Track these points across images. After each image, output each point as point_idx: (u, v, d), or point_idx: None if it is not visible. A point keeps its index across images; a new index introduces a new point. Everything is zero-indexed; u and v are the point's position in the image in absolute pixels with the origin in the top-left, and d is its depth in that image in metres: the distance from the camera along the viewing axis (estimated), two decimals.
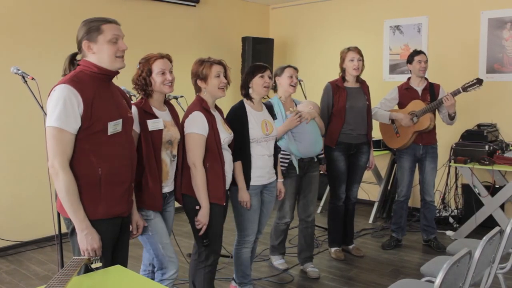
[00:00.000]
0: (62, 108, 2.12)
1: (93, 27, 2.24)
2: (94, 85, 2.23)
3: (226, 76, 3.03)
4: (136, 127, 2.65)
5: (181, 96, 4.07)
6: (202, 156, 2.91)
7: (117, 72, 2.35)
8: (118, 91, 2.47)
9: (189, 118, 2.93)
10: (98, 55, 2.26)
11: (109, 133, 2.24)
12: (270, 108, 3.71)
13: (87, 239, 2.20)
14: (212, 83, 2.96)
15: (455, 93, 4.38)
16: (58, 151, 2.14)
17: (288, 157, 3.78)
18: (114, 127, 2.26)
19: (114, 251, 2.43)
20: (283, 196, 3.66)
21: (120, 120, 2.30)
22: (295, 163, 3.80)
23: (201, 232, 2.95)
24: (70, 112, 2.13)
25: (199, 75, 2.97)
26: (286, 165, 3.77)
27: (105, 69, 2.28)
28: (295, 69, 3.88)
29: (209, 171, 2.93)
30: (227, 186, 3.09)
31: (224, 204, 3.03)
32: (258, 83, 3.32)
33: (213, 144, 2.93)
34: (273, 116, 3.71)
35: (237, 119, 3.26)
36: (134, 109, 2.68)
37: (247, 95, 3.37)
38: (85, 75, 2.24)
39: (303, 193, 3.98)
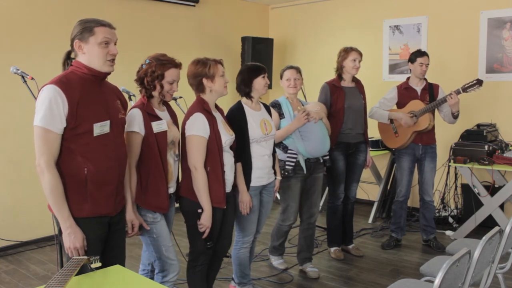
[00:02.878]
0: (47, 108, 2.16)
1: (86, 28, 2.27)
2: (82, 86, 2.26)
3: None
4: (141, 130, 2.66)
5: (180, 97, 4.07)
6: (203, 159, 2.88)
7: (107, 74, 2.37)
8: (113, 91, 2.47)
9: (189, 120, 2.91)
10: (88, 56, 2.29)
11: (95, 134, 2.26)
12: (278, 107, 3.72)
13: (70, 238, 2.23)
14: (218, 81, 2.96)
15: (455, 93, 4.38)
16: (43, 150, 2.18)
17: (296, 156, 3.75)
18: (101, 128, 2.28)
19: (107, 251, 2.43)
20: (278, 196, 3.64)
21: (108, 122, 2.31)
22: (302, 163, 3.79)
23: (205, 235, 2.93)
24: (55, 112, 2.16)
25: (206, 74, 2.93)
26: (293, 164, 3.74)
27: (95, 71, 2.30)
28: (295, 69, 3.85)
29: (210, 174, 2.90)
30: (228, 189, 3.05)
31: (225, 207, 3.00)
32: (260, 83, 3.32)
33: (214, 146, 2.90)
34: (280, 115, 3.71)
35: (236, 120, 3.24)
36: (138, 112, 2.67)
37: (247, 94, 3.37)
38: (75, 76, 2.27)
39: (306, 194, 3.96)
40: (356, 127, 4.28)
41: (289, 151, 3.75)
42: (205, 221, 2.89)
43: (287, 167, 3.72)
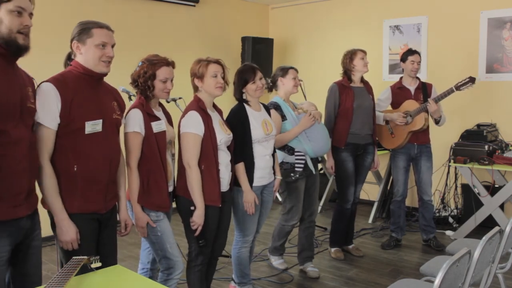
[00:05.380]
0: (42, 105, 2.22)
1: (84, 29, 2.33)
2: (77, 84, 2.31)
3: (224, 77, 3.01)
4: (141, 130, 2.68)
5: (180, 98, 4.06)
6: (197, 156, 2.89)
7: (103, 74, 2.41)
8: (110, 92, 2.51)
9: (184, 118, 2.93)
10: (84, 56, 2.34)
11: (86, 132, 2.31)
12: (279, 109, 3.72)
13: (63, 231, 2.29)
14: (208, 82, 2.95)
15: (448, 92, 4.39)
16: (38, 146, 2.22)
17: (304, 158, 3.76)
18: (93, 126, 2.32)
19: (100, 248, 2.47)
20: (277, 195, 3.64)
21: (100, 121, 2.35)
22: (310, 164, 3.81)
23: (197, 233, 2.93)
24: (49, 109, 2.23)
25: (196, 74, 2.97)
26: (302, 166, 3.75)
27: (90, 71, 2.35)
28: (296, 70, 3.89)
29: (204, 173, 2.91)
30: (224, 188, 3.06)
31: (220, 206, 3.01)
32: (251, 89, 3.31)
33: (208, 145, 2.91)
34: (282, 117, 3.71)
35: (238, 121, 3.25)
36: (138, 112, 2.69)
37: (241, 100, 3.37)
38: (72, 75, 2.33)
39: (307, 192, 3.96)
40: (365, 128, 4.28)
41: (296, 153, 3.74)
42: (197, 219, 2.90)
43: (296, 169, 3.73)
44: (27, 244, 2.13)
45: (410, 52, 4.59)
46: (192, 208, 2.90)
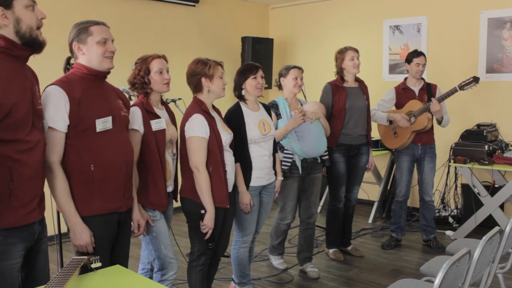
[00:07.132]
0: (50, 108, 2.21)
1: (82, 29, 2.33)
2: (83, 85, 2.30)
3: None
4: (140, 128, 2.68)
5: (179, 99, 4.05)
6: (205, 159, 2.88)
7: (107, 72, 2.41)
8: (113, 91, 2.51)
9: (189, 121, 2.91)
10: (87, 55, 2.33)
11: (97, 130, 2.30)
12: (275, 107, 3.71)
13: (77, 235, 2.28)
14: (217, 82, 2.96)
15: (452, 92, 4.39)
16: (48, 149, 2.20)
17: (291, 156, 3.76)
18: (103, 124, 2.32)
19: (114, 250, 2.47)
20: (277, 195, 3.64)
21: (110, 117, 2.35)
22: (298, 163, 3.79)
23: (207, 236, 2.93)
24: (58, 111, 2.22)
25: (205, 73, 2.94)
26: (289, 164, 3.75)
27: (94, 70, 2.35)
28: (300, 69, 3.86)
29: (212, 175, 2.90)
30: (230, 188, 3.06)
31: (228, 207, 3.01)
32: (251, 85, 3.31)
33: (214, 146, 2.91)
34: (278, 116, 3.71)
35: (234, 121, 3.24)
36: (137, 110, 2.70)
37: (240, 97, 3.37)
38: (76, 76, 2.32)
39: (304, 194, 3.96)
40: (357, 128, 4.25)
41: (285, 151, 3.75)
42: (208, 222, 2.89)
43: (283, 167, 3.72)
44: (37, 249, 2.10)
45: (416, 53, 4.56)
46: (202, 211, 2.88)
